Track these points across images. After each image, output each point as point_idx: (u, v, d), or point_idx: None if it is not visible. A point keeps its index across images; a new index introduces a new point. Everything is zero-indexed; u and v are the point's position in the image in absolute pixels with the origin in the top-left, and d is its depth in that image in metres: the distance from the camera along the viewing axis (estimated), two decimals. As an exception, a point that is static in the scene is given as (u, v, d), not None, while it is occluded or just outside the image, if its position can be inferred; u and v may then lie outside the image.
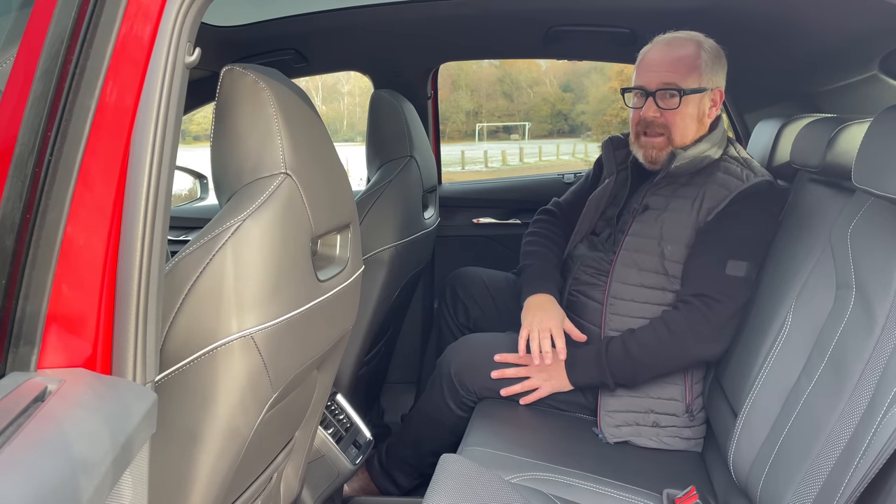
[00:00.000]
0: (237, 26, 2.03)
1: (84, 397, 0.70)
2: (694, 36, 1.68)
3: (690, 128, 1.67)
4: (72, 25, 0.75)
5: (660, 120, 1.66)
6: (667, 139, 1.67)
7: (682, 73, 1.64)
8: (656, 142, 1.68)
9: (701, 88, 1.65)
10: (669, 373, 1.62)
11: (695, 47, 1.66)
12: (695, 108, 1.66)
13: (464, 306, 2.08)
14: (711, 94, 1.68)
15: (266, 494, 1.24)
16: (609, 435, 1.61)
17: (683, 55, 1.65)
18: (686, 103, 1.64)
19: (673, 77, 1.64)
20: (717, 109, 1.70)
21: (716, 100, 1.69)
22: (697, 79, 1.64)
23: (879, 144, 1.06)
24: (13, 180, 0.73)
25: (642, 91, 1.69)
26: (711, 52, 1.67)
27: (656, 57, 1.69)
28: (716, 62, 1.67)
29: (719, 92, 1.69)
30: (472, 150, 16.64)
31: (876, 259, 1.14)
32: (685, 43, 1.67)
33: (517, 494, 1.22)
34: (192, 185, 2.92)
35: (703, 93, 1.66)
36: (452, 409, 1.73)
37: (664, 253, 1.63)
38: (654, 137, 1.68)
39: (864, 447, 0.97)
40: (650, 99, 1.66)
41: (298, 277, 1.01)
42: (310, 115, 1.09)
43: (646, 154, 1.72)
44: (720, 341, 1.55)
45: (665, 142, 1.68)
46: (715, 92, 1.69)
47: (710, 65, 1.66)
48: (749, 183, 1.61)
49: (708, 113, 1.68)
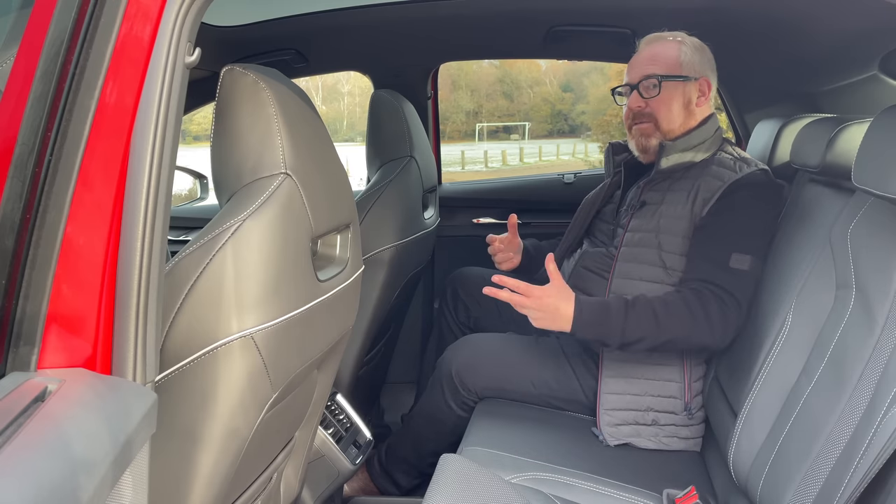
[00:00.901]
0: (237, 26, 2.03)
1: (84, 397, 0.70)
2: (676, 35, 1.74)
3: (676, 113, 1.70)
4: (72, 26, 0.75)
5: (645, 110, 1.71)
6: (654, 125, 1.72)
7: (660, 63, 1.70)
8: (643, 128, 1.73)
9: (682, 76, 1.69)
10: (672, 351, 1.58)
11: (675, 43, 1.72)
12: (679, 95, 1.69)
13: (464, 306, 2.09)
14: (697, 83, 1.70)
15: (266, 494, 1.24)
16: (609, 436, 1.61)
17: (662, 49, 1.72)
18: (667, 89, 1.69)
19: (652, 68, 1.70)
20: (706, 99, 1.71)
21: (704, 90, 1.71)
22: (677, 68, 1.70)
23: (879, 144, 1.06)
24: (13, 180, 0.73)
25: (628, 87, 1.75)
26: (692, 46, 1.72)
27: (639, 55, 1.77)
28: (697, 54, 1.71)
29: (706, 82, 1.71)
30: (472, 150, 16.63)
31: (876, 259, 1.14)
32: (665, 41, 1.74)
33: (517, 494, 1.22)
34: (192, 185, 2.92)
35: (686, 80, 1.69)
36: (453, 409, 1.73)
37: (661, 245, 1.64)
38: (643, 124, 1.73)
39: (864, 447, 0.97)
40: (635, 91, 1.73)
41: (298, 277, 1.01)
42: (310, 115, 1.09)
43: (637, 143, 1.76)
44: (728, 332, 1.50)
45: (652, 128, 1.72)
46: (701, 81, 1.71)
47: (691, 56, 1.70)
48: (742, 173, 1.61)
49: (696, 101, 1.71)
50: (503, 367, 1.70)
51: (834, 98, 2.06)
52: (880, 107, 1.11)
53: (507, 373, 1.71)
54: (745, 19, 1.85)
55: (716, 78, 1.74)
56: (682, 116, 1.70)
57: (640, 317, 1.50)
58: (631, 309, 1.51)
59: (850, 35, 1.72)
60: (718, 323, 1.49)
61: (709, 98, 1.72)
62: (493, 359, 1.71)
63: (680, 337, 1.51)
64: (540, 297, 1.49)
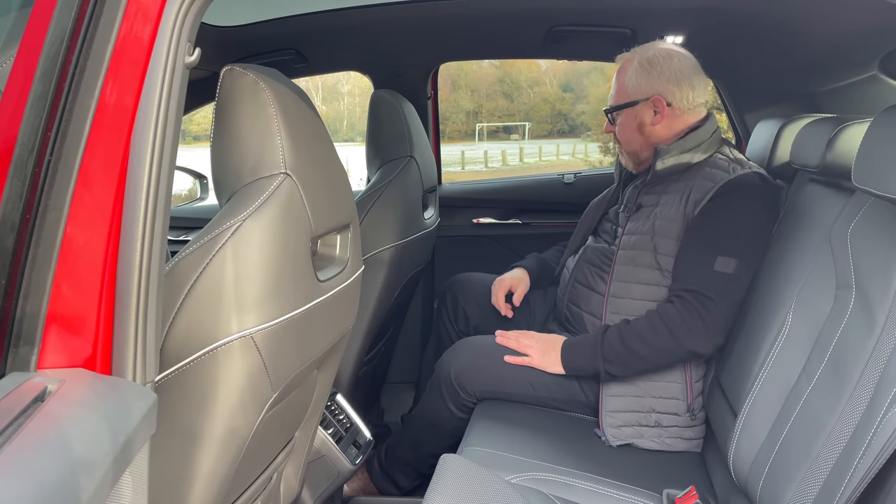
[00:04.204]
0: (237, 26, 2.03)
1: (84, 397, 0.70)
2: (634, 53, 1.78)
3: (633, 138, 1.78)
4: (72, 26, 0.75)
5: (617, 135, 1.83)
6: (622, 149, 1.84)
7: (614, 96, 1.81)
8: (619, 150, 1.86)
9: (628, 103, 1.75)
10: (662, 368, 1.61)
11: (627, 66, 1.78)
12: (630, 121, 1.77)
13: (464, 314, 2.09)
14: (649, 103, 1.73)
15: (266, 494, 1.24)
16: (611, 437, 1.61)
17: (617, 77, 1.81)
18: (620, 117, 1.79)
19: (610, 100, 1.83)
20: (662, 116, 1.72)
21: (659, 107, 1.72)
22: (624, 95, 1.77)
23: (879, 144, 1.06)
24: (13, 180, 0.73)
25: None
26: (639, 65, 1.74)
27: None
28: (643, 74, 1.73)
29: (658, 99, 1.72)
30: (472, 150, 16.61)
31: (876, 259, 1.14)
32: (623, 65, 1.80)
33: (517, 494, 1.22)
34: (192, 185, 2.92)
35: (633, 106, 1.75)
36: (452, 412, 1.73)
37: (657, 248, 1.65)
38: (619, 146, 1.86)
39: (864, 447, 0.97)
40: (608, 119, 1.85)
41: (298, 277, 1.01)
42: (310, 115, 1.09)
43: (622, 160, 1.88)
44: (714, 336, 1.55)
45: (623, 150, 1.84)
46: (653, 100, 1.72)
47: (636, 77, 1.74)
48: (735, 174, 1.61)
49: (652, 121, 1.74)
50: (502, 369, 1.70)
51: (834, 98, 2.06)
52: (880, 107, 1.11)
53: (505, 375, 1.71)
54: (745, 19, 1.85)
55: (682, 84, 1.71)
56: (639, 139, 1.77)
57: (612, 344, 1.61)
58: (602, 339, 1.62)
59: (850, 35, 1.72)
60: (704, 330, 1.55)
61: (669, 112, 1.72)
62: (491, 361, 1.71)
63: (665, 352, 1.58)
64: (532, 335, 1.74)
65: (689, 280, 1.58)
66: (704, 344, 1.56)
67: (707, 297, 1.54)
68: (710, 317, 1.54)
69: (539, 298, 2.06)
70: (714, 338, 1.56)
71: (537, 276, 2.04)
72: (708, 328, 1.54)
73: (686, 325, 1.55)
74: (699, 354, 1.60)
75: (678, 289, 1.59)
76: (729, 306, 1.55)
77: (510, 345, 1.72)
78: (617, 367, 1.60)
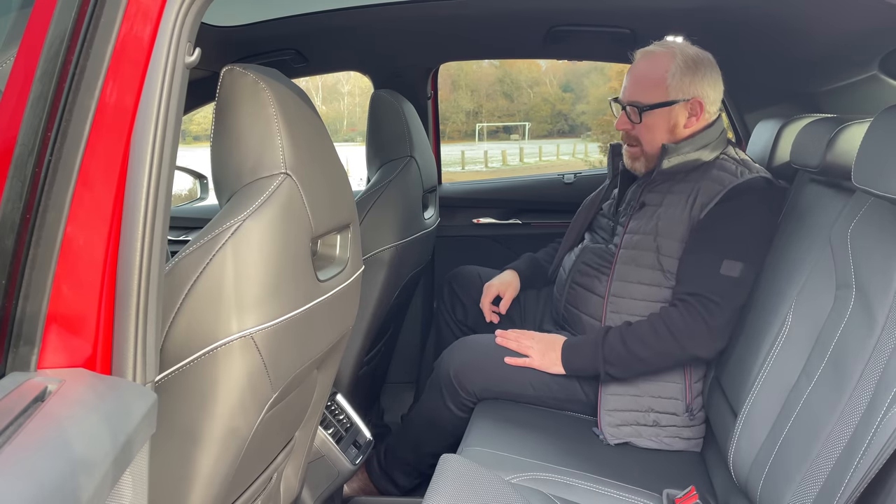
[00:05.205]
0: (237, 26, 2.03)
1: (84, 397, 0.70)
2: (670, 47, 1.69)
3: (660, 139, 1.69)
4: (72, 26, 0.75)
5: (632, 132, 1.73)
6: (640, 149, 1.74)
7: (645, 89, 1.69)
8: (631, 151, 1.77)
9: (667, 102, 1.66)
10: (663, 370, 1.62)
11: (666, 60, 1.67)
12: (663, 122, 1.68)
13: (462, 305, 2.09)
14: (688, 104, 1.67)
15: (266, 494, 1.24)
16: (609, 435, 1.61)
17: (650, 69, 1.70)
18: (650, 117, 1.68)
19: (636, 95, 1.70)
20: (696, 119, 1.68)
21: (695, 110, 1.68)
22: (663, 93, 1.67)
23: (879, 144, 1.06)
24: (13, 180, 0.73)
25: (619, 104, 1.76)
26: (684, 63, 1.66)
27: (631, 72, 1.75)
28: (688, 73, 1.66)
29: (697, 102, 1.67)
30: (472, 150, 16.61)
31: (876, 259, 1.14)
32: (657, 57, 1.69)
33: (517, 494, 1.22)
34: (192, 185, 2.92)
35: (672, 105, 1.66)
36: (452, 411, 1.73)
37: (659, 248, 1.64)
38: (631, 147, 1.77)
39: (864, 447, 0.97)
40: (623, 112, 1.73)
41: (298, 277, 1.01)
42: (310, 115, 1.09)
43: (627, 161, 1.81)
44: (717, 340, 1.56)
45: (639, 152, 1.75)
46: (692, 102, 1.67)
47: (680, 76, 1.66)
48: (742, 178, 1.61)
49: (685, 123, 1.68)
50: (501, 369, 1.70)
51: (834, 98, 2.06)
52: (880, 107, 1.11)
53: (505, 374, 1.71)
54: (745, 19, 1.84)
55: (717, 89, 1.70)
56: (665, 140, 1.69)
57: (613, 346, 1.59)
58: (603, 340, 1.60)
59: (850, 35, 1.72)
60: (707, 334, 1.54)
61: (701, 117, 1.68)
62: (490, 360, 1.71)
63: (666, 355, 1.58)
64: (532, 335, 1.72)
65: (694, 284, 1.57)
66: (707, 348, 1.56)
67: (711, 301, 1.54)
68: (714, 321, 1.53)
69: (532, 298, 2.06)
70: (717, 342, 1.56)
71: (529, 277, 2.03)
72: (711, 332, 1.54)
73: (689, 330, 1.54)
74: (701, 358, 1.60)
75: (682, 292, 1.59)
76: (733, 310, 1.55)
77: (510, 345, 1.71)
78: (618, 369, 1.60)
